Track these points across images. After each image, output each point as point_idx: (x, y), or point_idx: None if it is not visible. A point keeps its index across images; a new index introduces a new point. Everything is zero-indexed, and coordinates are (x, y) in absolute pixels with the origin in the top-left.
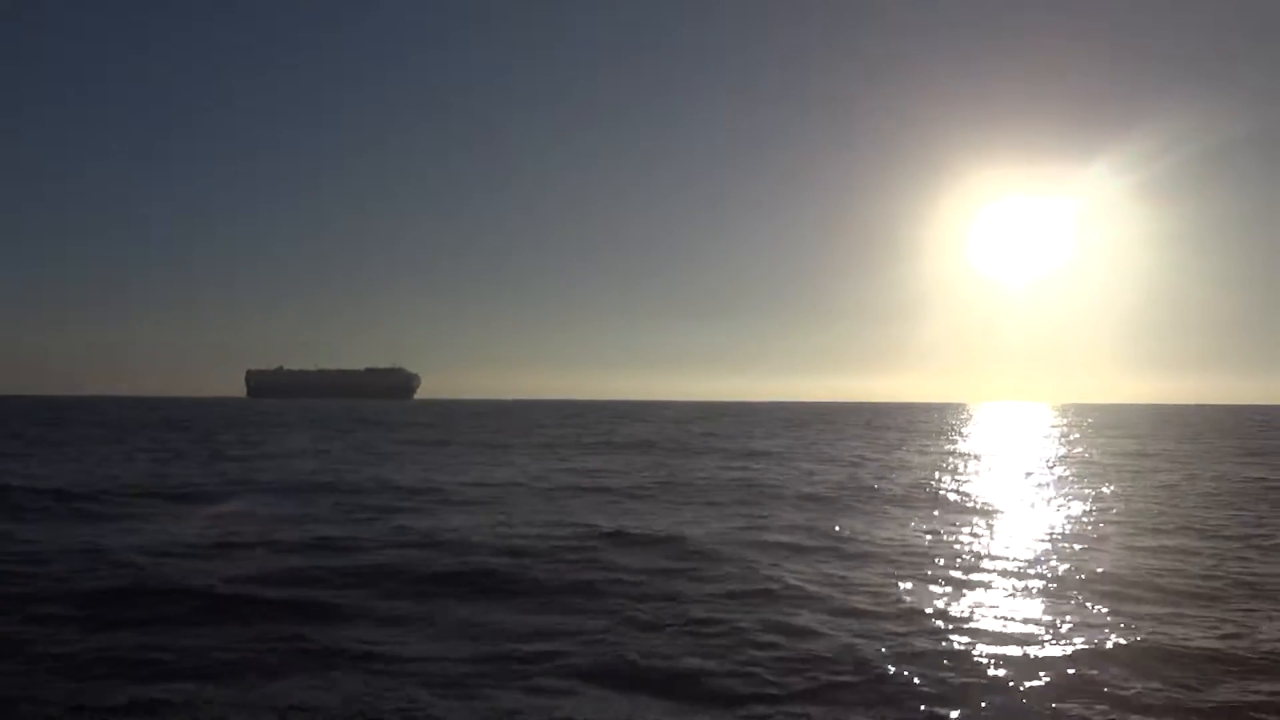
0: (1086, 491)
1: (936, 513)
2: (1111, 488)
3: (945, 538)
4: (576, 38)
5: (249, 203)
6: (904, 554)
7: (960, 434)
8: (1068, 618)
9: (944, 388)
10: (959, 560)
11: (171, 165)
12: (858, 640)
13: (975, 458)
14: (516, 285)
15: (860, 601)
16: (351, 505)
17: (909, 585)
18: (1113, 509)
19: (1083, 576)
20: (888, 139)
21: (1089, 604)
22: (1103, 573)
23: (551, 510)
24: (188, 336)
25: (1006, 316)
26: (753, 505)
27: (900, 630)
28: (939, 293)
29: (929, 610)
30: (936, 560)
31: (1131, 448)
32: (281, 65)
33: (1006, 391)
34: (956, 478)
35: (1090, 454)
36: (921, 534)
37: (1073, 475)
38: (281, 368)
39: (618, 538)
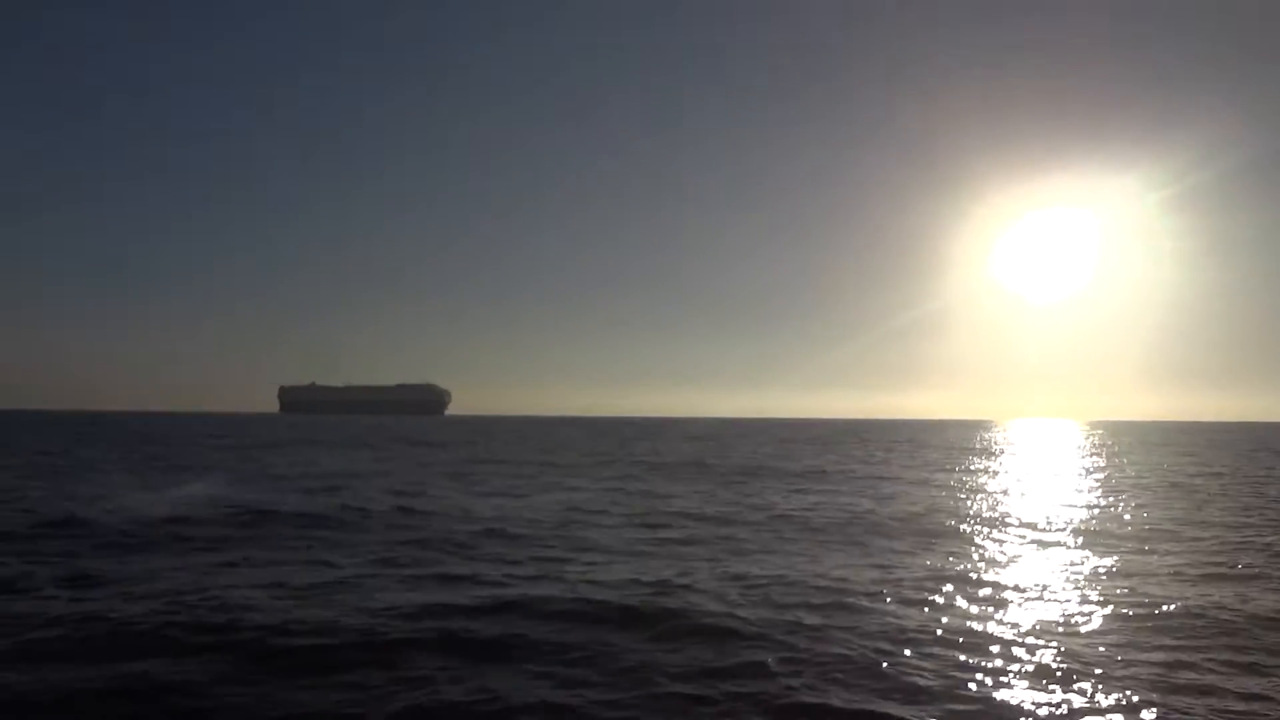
0: (1198, 517)
1: (1057, 539)
2: (1221, 512)
3: (1089, 573)
4: (603, 61)
5: (280, 220)
6: (1058, 592)
7: (1012, 452)
8: None
9: (969, 404)
10: (1125, 602)
11: (203, 182)
12: (1064, 694)
13: (1047, 478)
14: (542, 302)
15: (1042, 648)
16: (444, 532)
17: (1099, 632)
18: (1250, 542)
19: None
20: (914, 153)
21: None
22: None
23: (653, 542)
24: (221, 352)
25: (1033, 332)
26: (853, 531)
27: (1138, 694)
28: (964, 308)
29: (1141, 662)
30: (1102, 600)
31: (1192, 468)
32: (309, 83)
33: (1032, 408)
34: (1046, 502)
35: (1164, 474)
36: (1064, 568)
37: (1166, 497)
38: (314, 384)
39: (744, 577)
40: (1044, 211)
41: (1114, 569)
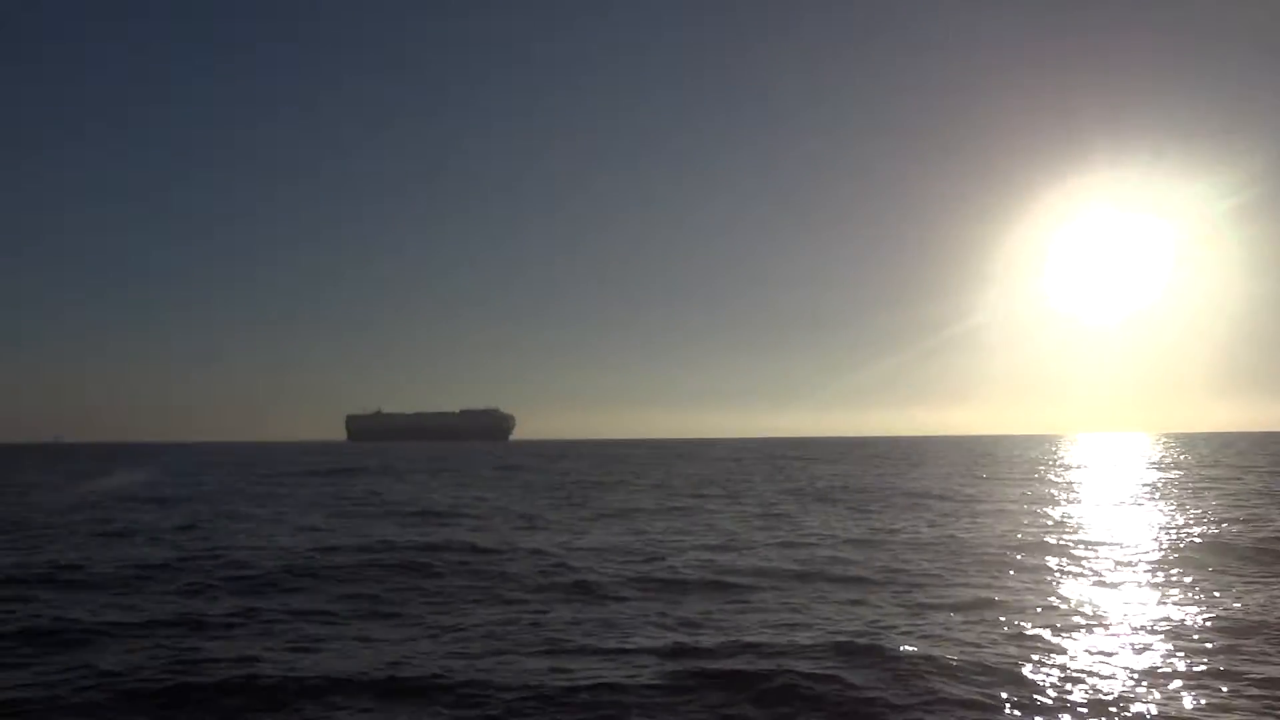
0: None
1: (1260, 555)
2: None
3: None
4: (646, 85)
5: (346, 251)
6: None
7: (1117, 467)
8: None
9: (1028, 418)
10: None
11: (269, 215)
12: None
13: (1185, 494)
14: (593, 325)
15: None
16: (602, 565)
17: None
18: None
19: None
20: (963, 159)
21: None
22: None
23: (808, 561)
24: (288, 382)
25: (1096, 343)
26: (1026, 557)
27: None
28: (1022, 318)
29: None
30: None
31: None
32: (375, 117)
33: (1096, 422)
34: (1210, 520)
35: None
36: None
37: None
38: (380, 411)
39: (935, 605)
40: (1106, 217)
41: None
